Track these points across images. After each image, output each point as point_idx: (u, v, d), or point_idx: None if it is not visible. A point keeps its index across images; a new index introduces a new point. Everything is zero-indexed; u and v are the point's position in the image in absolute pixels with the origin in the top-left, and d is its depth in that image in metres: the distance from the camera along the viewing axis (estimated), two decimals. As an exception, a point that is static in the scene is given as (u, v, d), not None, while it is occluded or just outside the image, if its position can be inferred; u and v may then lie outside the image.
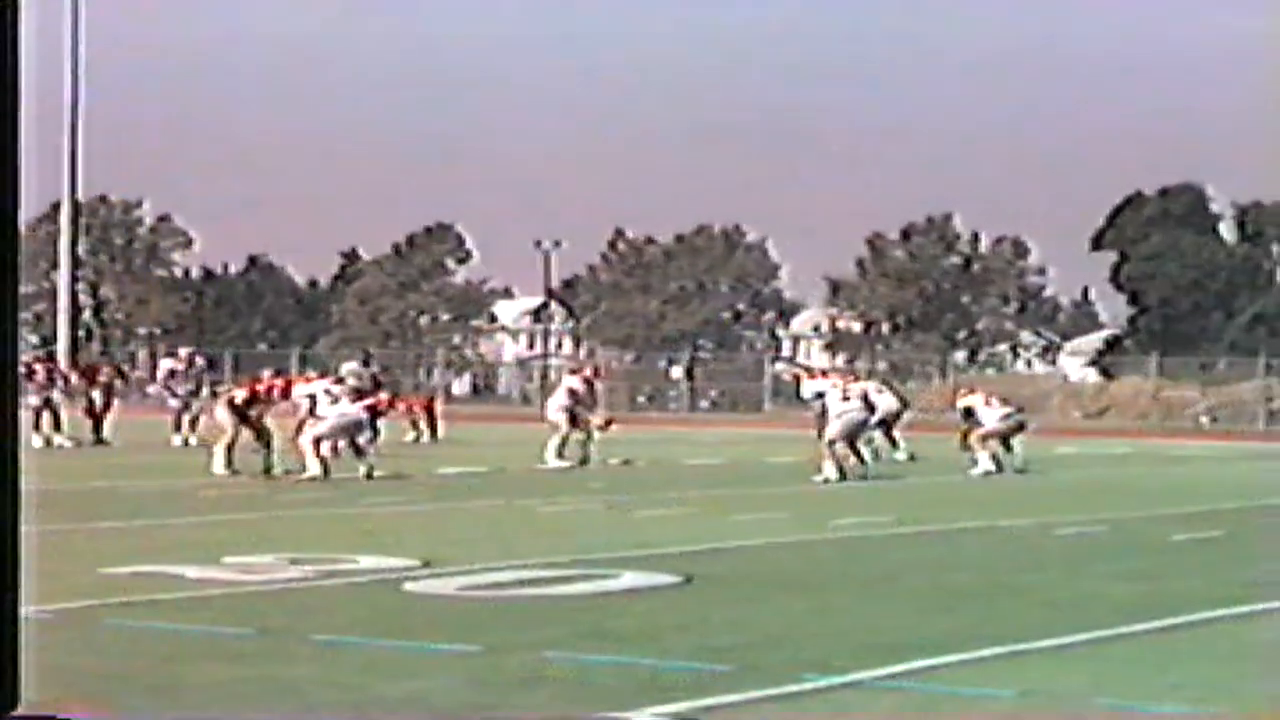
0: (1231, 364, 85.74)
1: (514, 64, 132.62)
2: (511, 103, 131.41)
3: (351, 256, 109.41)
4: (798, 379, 36.32)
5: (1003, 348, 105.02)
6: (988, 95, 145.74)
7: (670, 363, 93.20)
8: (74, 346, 74.70)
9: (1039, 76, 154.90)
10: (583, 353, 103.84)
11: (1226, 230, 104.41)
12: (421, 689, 10.97)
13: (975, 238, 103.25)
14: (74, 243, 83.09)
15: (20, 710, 6.48)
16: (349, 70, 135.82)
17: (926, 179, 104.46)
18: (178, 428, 40.63)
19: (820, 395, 33.82)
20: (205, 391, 41.20)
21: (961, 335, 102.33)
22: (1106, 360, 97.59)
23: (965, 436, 36.81)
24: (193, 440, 39.05)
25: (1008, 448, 35.81)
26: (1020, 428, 36.25)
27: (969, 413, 36.65)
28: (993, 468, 34.11)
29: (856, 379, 41.01)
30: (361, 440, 30.73)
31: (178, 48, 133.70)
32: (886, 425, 37.23)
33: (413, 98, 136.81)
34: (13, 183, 6.03)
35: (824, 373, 40.75)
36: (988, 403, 36.57)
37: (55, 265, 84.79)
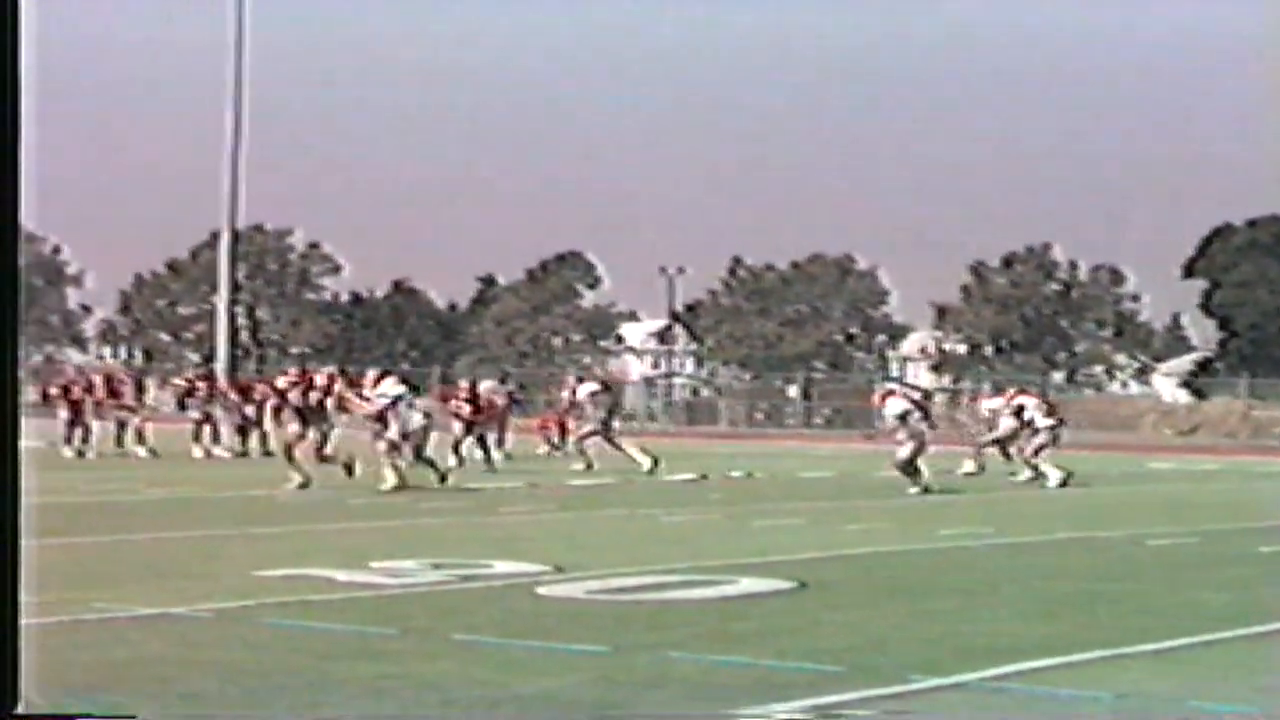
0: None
1: (641, 104, 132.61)
2: (637, 139, 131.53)
3: (489, 282, 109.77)
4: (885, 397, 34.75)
5: (1099, 369, 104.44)
6: (1085, 132, 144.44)
7: (786, 382, 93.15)
8: (232, 365, 75.26)
9: (1129, 113, 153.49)
10: (704, 372, 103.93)
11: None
12: (553, 686, 10.96)
13: (1073, 266, 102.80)
14: (233, 269, 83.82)
15: (20, 710, 6.41)
16: (489, 105, 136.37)
17: (1026, 210, 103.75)
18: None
19: (902, 416, 32.23)
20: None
21: (1060, 357, 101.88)
22: (1198, 381, 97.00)
23: (1004, 447, 36.89)
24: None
25: (1007, 455, 36.47)
26: (1056, 440, 35.64)
27: (1020, 411, 36.05)
28: (1061, 475, 33.88)
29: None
30: (427, 449, 30.35)
31: (328, 84, 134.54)
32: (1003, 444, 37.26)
33: (546, 133, 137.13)
34: (13, 191, 5.98)
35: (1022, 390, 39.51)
36: (1038, 408, 36.19)
37: (215, 289, 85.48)
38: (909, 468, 31.34)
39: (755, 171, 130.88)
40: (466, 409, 34.74)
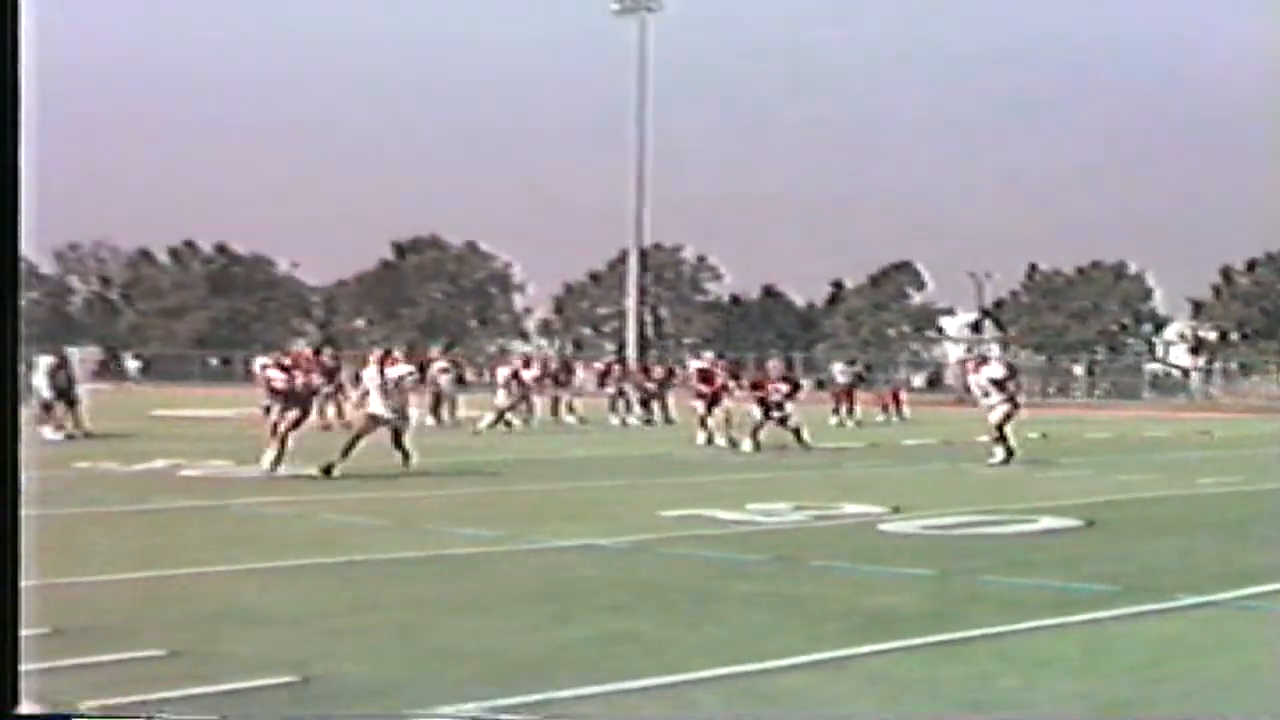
0: None
1: (956, 125, 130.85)
2: (956, 159, 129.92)
3: (839, 285, 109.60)
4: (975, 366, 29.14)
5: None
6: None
7: (1073, 363, 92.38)
8: (640, 353, 76.18)
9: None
10: (1008, 356, 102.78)
11: None
12: (891, 602, 10.94)
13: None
14: (639, 278, 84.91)
15: (20, 709, 5.85)
16: (830, 126, 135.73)
17: (1264, 221, 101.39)
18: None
19: (997, 381, 26.92)
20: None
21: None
22: None
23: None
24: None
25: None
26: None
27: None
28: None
29: None
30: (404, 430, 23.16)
31: (719, 112, 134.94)
32: None
33: (881, 152, 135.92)
34: (13, 191, 5.52)
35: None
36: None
37: (625, 294, 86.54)
38: (999, 432, 26.45)
39: (1049, 189, 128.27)
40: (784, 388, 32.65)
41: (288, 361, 25.53)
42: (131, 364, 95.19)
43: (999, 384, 26.92)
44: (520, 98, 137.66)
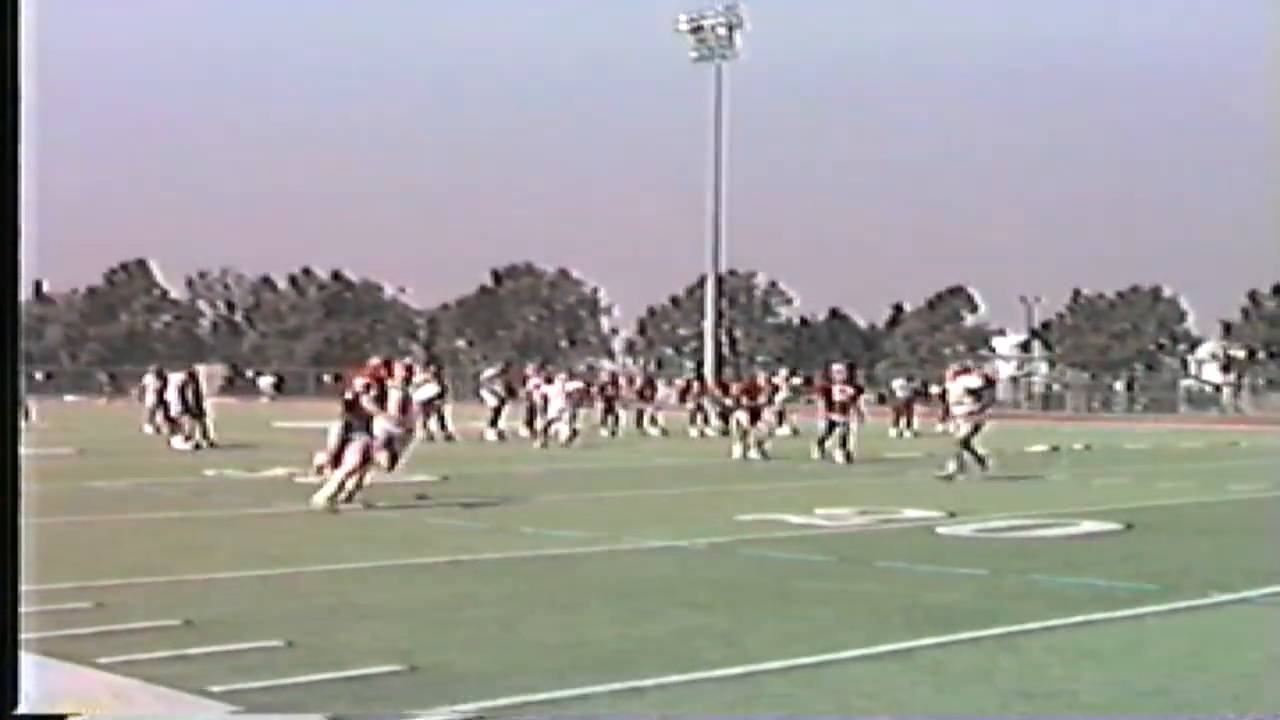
0: None
1: (1001, 160, 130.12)
2: (1003, 192, 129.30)
3: (898, 308, 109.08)
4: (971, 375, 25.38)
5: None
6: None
7: (1114, 379, 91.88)
8: (717, 370, 76.17)
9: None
10: (1054, 372, 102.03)
11: None
12: (948, 599, 10.91)
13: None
14: (717, 302, 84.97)
15: (20, 710, 5.62)
16: (888, 159, 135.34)
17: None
18: (780, 422, 40.75)
19: (973, 391, 24.44)
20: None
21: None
22: None
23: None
24: (782, 431, 39.24)
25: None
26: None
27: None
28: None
29: None
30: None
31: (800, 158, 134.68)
32: None
33: (931, 184, 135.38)
34: (13, 193, 5.39)
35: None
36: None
37: (704, 316, 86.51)
38: (964, 445, 24.12)
39: (1092, 219, 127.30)
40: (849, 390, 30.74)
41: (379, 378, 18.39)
42: (264, 381, 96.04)
43: (974, 394, 24.59)
44: (609, 140, 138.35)
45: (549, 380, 36.76)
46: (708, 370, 75.84)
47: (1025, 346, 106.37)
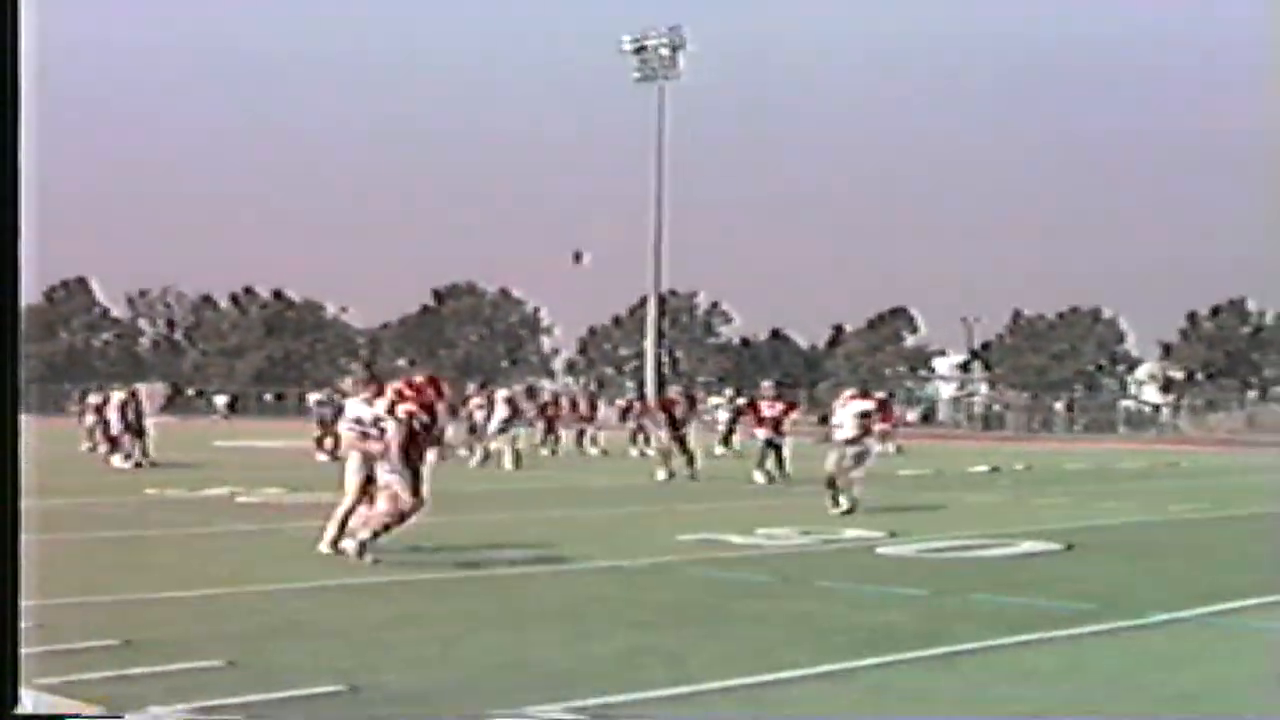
0: None
1: (939, 185, 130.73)
2: (940, 218, 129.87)
3: (839, 329, 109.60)
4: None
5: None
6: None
7: (1054, 399, 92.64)
8: (658, 389, 76.21)
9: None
10: (994, 392, 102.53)
11: None
12: (889, 619, 10.93)
13: (1261, 314, 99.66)
14: (658, 321, 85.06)
15: (20, 710, 5.63)
16: (837, 183, 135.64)
17: (1228, 269, 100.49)
18: (725, 442, 40.84)
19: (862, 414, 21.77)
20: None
21: (1253, 380, 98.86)
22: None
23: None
24: (726, 450, 39.20)
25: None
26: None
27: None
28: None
29: None
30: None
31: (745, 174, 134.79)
32: None
33: (900, 212, 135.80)
34: (13, 193, 5.51)
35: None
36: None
37: (644, 336, 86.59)
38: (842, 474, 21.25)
39: (1031, 241, 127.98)
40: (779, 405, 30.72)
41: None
42: (219, 400, 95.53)
43: (863, 416, 21.70)
44: (550, 160, 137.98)
45: (490, 400, 36.63)
46: (649, 390, 75.85)
47: (965, 367, 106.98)
